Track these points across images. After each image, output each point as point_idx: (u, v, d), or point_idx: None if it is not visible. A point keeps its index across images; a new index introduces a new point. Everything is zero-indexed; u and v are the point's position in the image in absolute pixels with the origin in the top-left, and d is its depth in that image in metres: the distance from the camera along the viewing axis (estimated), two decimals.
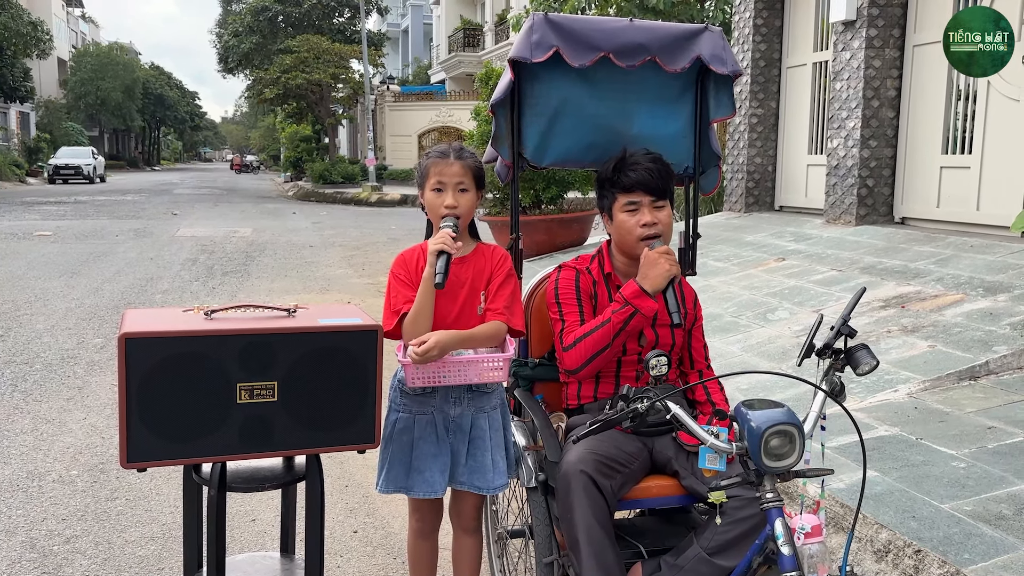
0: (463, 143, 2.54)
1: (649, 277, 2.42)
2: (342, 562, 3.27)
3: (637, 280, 2.45)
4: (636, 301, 2.43)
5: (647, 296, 2.42)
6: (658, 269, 2.41)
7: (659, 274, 2.41)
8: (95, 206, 20.96)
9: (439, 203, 2.44)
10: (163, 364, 2.00)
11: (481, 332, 2.41)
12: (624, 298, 2.44)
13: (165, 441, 2.02)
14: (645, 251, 2.46)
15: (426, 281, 2.35)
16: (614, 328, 2.45)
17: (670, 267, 2.42)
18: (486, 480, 2.49)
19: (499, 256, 2.54)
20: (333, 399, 2.14)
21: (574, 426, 2.59)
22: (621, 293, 2.46)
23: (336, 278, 10.21)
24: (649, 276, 2.42)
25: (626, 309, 2.43)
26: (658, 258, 2.42)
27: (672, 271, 2.42)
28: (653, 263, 2.42)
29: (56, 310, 8.01)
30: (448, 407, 2.47)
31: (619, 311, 2.45)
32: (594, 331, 2.47)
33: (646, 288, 2.42)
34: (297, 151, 36.64)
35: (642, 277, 2.44)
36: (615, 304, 2.47)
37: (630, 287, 2.45)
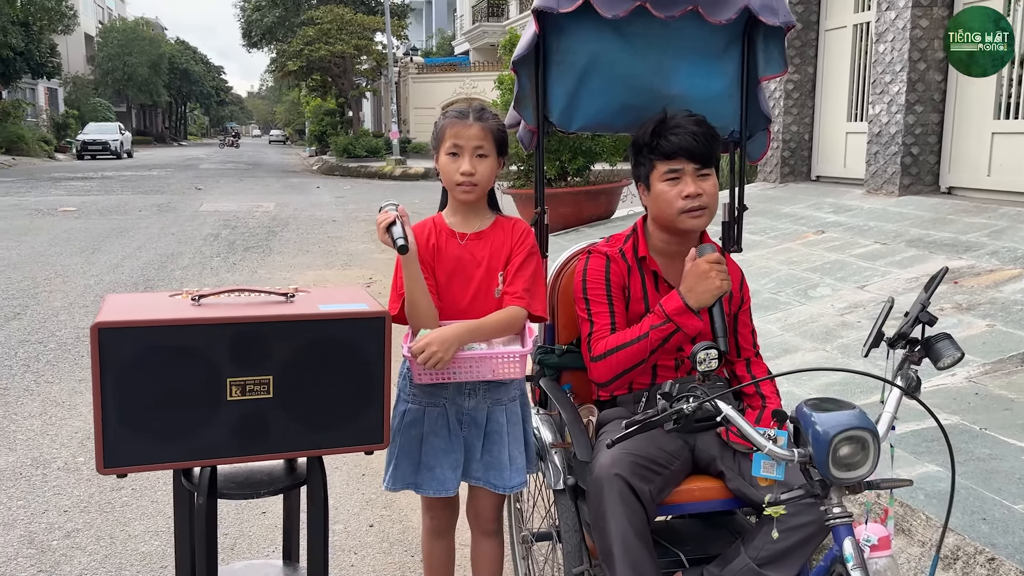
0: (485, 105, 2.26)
1: (695, 292, 2.14)
2: (356, 560, 3.05)
3: (681, 292, 2.16)
4: (679, 318, 2.15)
5: (691, 313, 2.14)
6: (707, 284, 2.12)
7: (707, 290, 2.12)
8: (120, 181, 20.93)
9: (454, 169, 2.17)
10: (142, 357, 1.77)
11: (495, 321, 2.15)
12: (665, 313, 2.16)
13: (147, 443, 1.80)
14: (694, 258, 2.17)
15: (406, 266, 2.10)
16: (651, 345, 2.19)
17: (721, 283, 2.13)
18: (503, 478, 2.24)
19: (520, 231, 2.27)
20: (336, 394, 1.90)
21: (606, 421, 2.34)
22: (662, 307, 2.18)
23: (358, 253, 10.00)
24: (696, 291, 2.13)
25: (667, 326, 2.16)
26: (708, 270, 2.13)
27: (723, 288, 2.13)
28: (702, 276, 2.13)
29: (75, 287, 7.88)
30: (461, 399, 2.23)
31: (659, 327, 2.17)
32: (628, 345, 2.21)
33: (691, 304, 2.14)
34: (321, 125, 36.41)
35: (687, 290, 2.15)
36: (654, 318, 2.20)
37: (673, 301, 2.16)
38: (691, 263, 2.17)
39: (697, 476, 2.25)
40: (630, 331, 2.23)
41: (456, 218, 2.27)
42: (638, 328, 2.21)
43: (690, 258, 2.18)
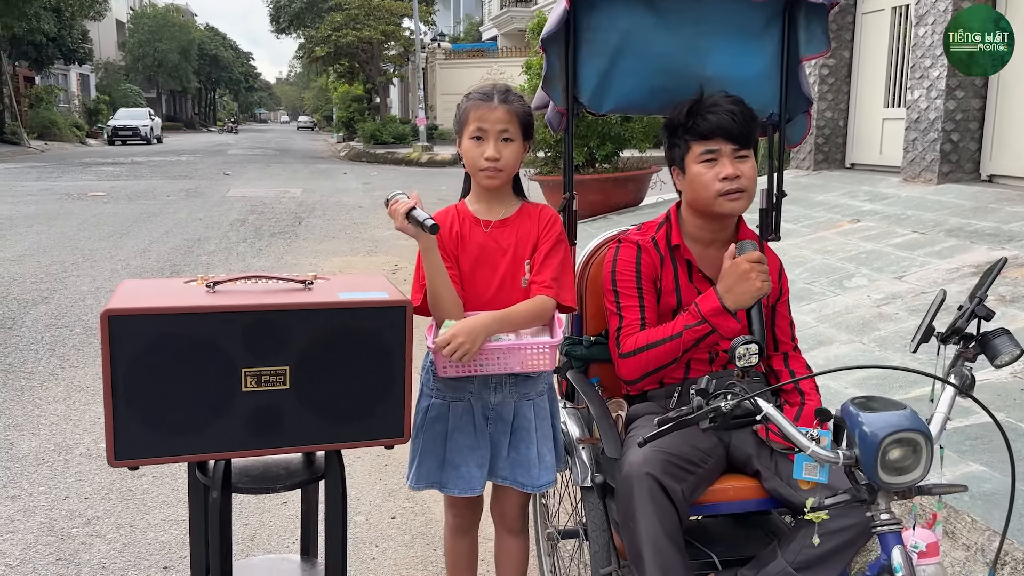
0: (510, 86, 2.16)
1: (734, 292, 2.03)
2: (377, 552, 2.99)
3: (719, 292, 2.06)
4: (715, 319, 2.05)
5: (729, 314, 2.03)
6: (747, 286, 2.01)
7: (747, 291, 2.02)
8: (150, 167, 21.08)
9: (478, 154, 2.08)
10: (154, 346, 1.70)
11: (523, 311, 2.06)
12: (701, 313, 2.06)
13: (159, 435, 1.73)
14: (733, 256, 2.06)
15: (426, 256, 2.01)
16: (684, 345, 2.09)
17: (761, 284, 2.02)
18: (530, 476, 2.16)
19: (547, 218, 2.18)
20: (355, 387, 1.83)
21: (636, 416, 2.24)
22: (698, 307, 2.08)
23: (384, 240, 9.95)
24: (734, 291, 2.03)
25: (702, 327, 2.06)
26: (749, 271, 2.02)
27: (763, 289, 2.02)
28: (742, 277, 2.02)
29: (102, 271, 7.90)
30: (487, 393, 2.14)
31: (693, 328, 2.07)
32: (659, 344, 2.11)
33: (728, 305, 2.03)
34: (349, 111, 36.44)
35: (725, 290, 2.05)
36: (688, 317, 2.10)
37: (709, 301, 2.06)
38: (730, 261, 2.06)
39: (731, 475, 2.15)
40: (662, 329, 2.13)
41: (480, 205, 2.18)
42: (671, 327, 2.12)
43: (729, 255, 2.07)
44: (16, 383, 4.71)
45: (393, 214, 1.98)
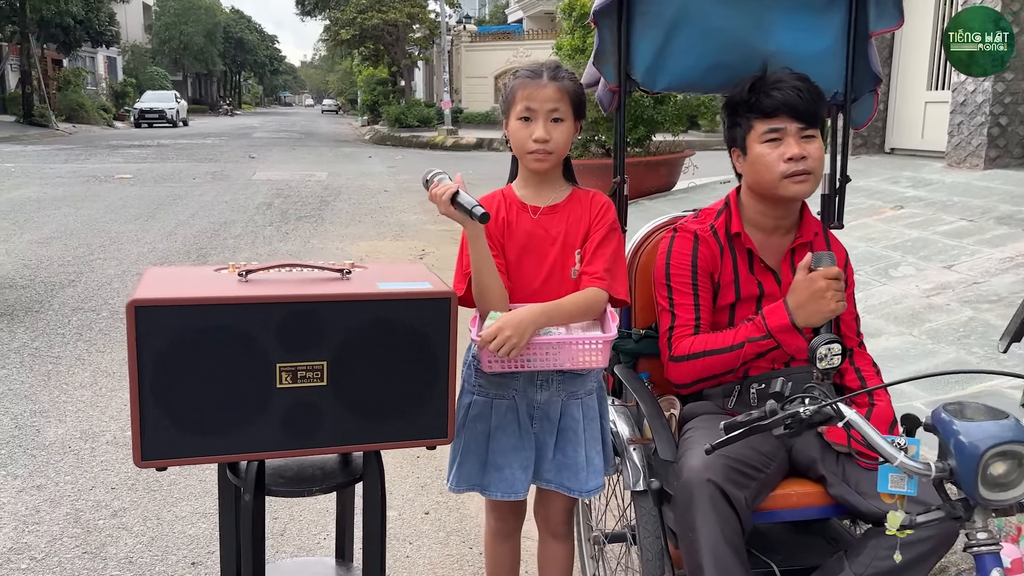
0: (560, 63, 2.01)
1: (805, 309, 1.90)
2: (411, 550, 2.88)
3: (789, 306, 1.93)
4: (781, 336, 1.93)
5: (797, 332, 1.90)
6: (820, 305, 1.88)
7: (819, 311, 1.88)
8: (176, 149, 21.11)
9: (526, 135, 1.94)
10: (183, 340, 1.59)
11: (573, 303, 1.92)
12: (767, 327, 1.94)
13: (189, 434, 1.62)
14: (808, 266, 1.92)
15: (472, 243, 1.88)
16: (743, 358, 1.97)
17: (836, 305, 1.88)
18: (578, 480, 2.03)
19: (599, 205, 2.03)
20: (396, 383, 1.71)
21: (691, 416, 2.10)
22: (765, 320, 1.95)
23: (410, 224, 9.85)
24: (806, 308, 1.90)
25: (766, 342, 1.94)
26: (824, 289, 1.88)
27: (837, 310, 1.89)
28: (816, 295, 1.89)
29: (128, 254, 7.86)
30: (533, 391, 2.01)
31: (756, 341, 1.95)
32: (717, 353, 1.99)
33: (797, 322, 1.90)
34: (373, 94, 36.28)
35: (796, 305, 1.91)
36: (753, 329, 1.97)
37: (778, 316, 1.93)
38: (804, 275, 1.93)
39: (793, 479, 2.01)
40: (721, 336, 2.01)
41: (528, 190, 2.04)
42: (731, 335, 1.99)
43: (804, 265, 1.94)
44: (43, 368, 4.66)
45: (436, 199, 1.85)
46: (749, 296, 2.09)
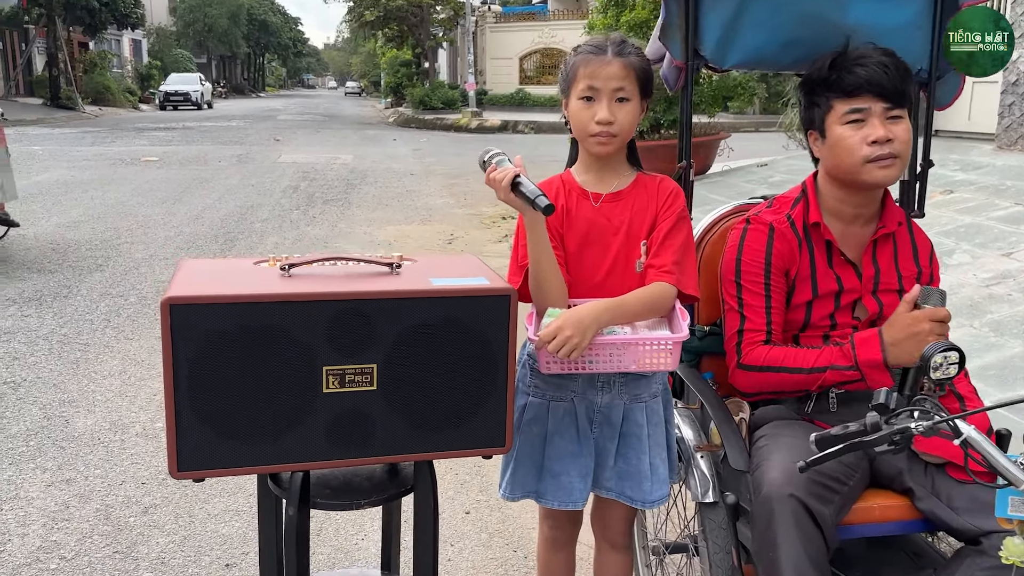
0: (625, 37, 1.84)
1: (901, 348, 1.76)
2: (453, 552, 2.76)
3: (884, 341, 1.78)
4: (869, 371, 1.79)
5: (886, 370, 1.74)
6: (919, 348, 1.70)
7: (916, 354, 1.70)
8: (201, 132, 21.09)
9: (588, 116, 1.78)
10: (223, 340, 1.45)
11: (639, 299, 1.76)
12: (855, 359, 1.79)
13: (228, 442, 1.49)
14: (913, 300, 1.78)
15: (531, 232, 1.72)
16: (823, 383, 1.84)
17: None
18: (641, 490, 1.88)
19: (667, 191, 1.87)
20: (451, 387, 1.57)
21: (763, 421, 1.95)
22: (855, 351, 1.80)
23: (437, 208, 9.71)
24: (902, 347, 1.75)
25: (851, 373, 1.80)
26: (928, 332, 1.74)
27: None
28: (918, 337, 1.74)
29: (156, 238, 7.79)
30: (593, 393, 1.86)
31: (841, 370, 1.81)
32: (794, 372, 1.86)
33: (890, 360, 1.76)
34: (397, 76, 36.08)
35: (892, 342, 1.77)
36: (839, 356, 1.82)
37: (871, 350, 1.78)
38: (908, 310, 1.79)
39: (876, 491, 1.85)
40: (801, 355, 1.86)
41: (589, 175, 1.88)
42: (814, 356, 1.85)
43: (910, 299, 1.80)
44: (71, 355, 4.58)
45: (494, 183, 1.70)
46: (827, 292, 1.93)
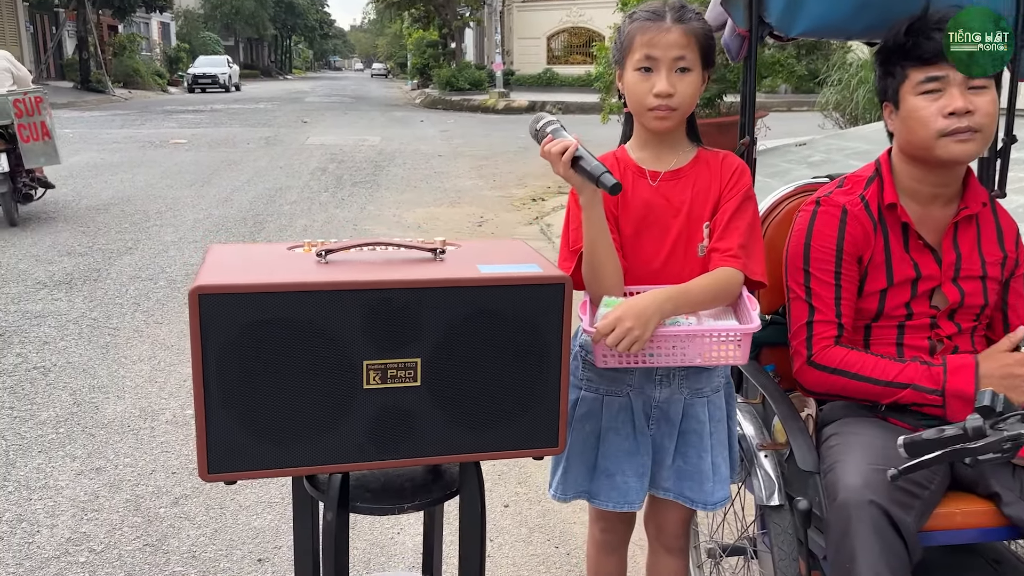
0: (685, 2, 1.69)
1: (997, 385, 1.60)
2: (492, 548, 2.65)
3: (980, 371, 1.64)
4: (954, 402, 1.64)
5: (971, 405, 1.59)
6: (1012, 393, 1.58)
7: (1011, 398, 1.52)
8: (229, 114, 21.10)
9: (646, 89, 1.63)
10: (256, 333, 1.34)
11: (703, 287, 1.62)
12: (943, 386, 1.65)
13: (262, 443, 1.39)
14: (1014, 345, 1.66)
15: (588, 213, 1.59)
16: (900, 399, 1.69)
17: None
18: (702, 491, 1.75)
19: (732, 168, 1.73)
20: (499, 384, 1.45)
21: (832, 418, 1.80)
22: (945, 374, 1.65)
23: (467, 189, 9.59)
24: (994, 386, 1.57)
25: (933, 398, 1.65)
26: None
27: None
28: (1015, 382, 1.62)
29: (185, 221, 7.75)
30: (651, 387, 1.73)
31: (923, 392, 1.67)
32: (869, 381, 1.72)
33: None
34: (423, 57, 35.89)
35: (986, 374, 1.63)
36: (925, 376, 1.67)
37: (963, 378, 1.64)
38: (1008, 347, 1.67)
39: (957, 494, 1.71)
40: (881, 365, 1.71)
41: (646, 152, 1.74)
42: (895, 370, 1.70)
43: (1014, 339, 1.67)
44: (101, 339, 4.52)
45: (550, 156, 1.56)
46: (903, 280, 1.78)
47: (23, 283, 5.59)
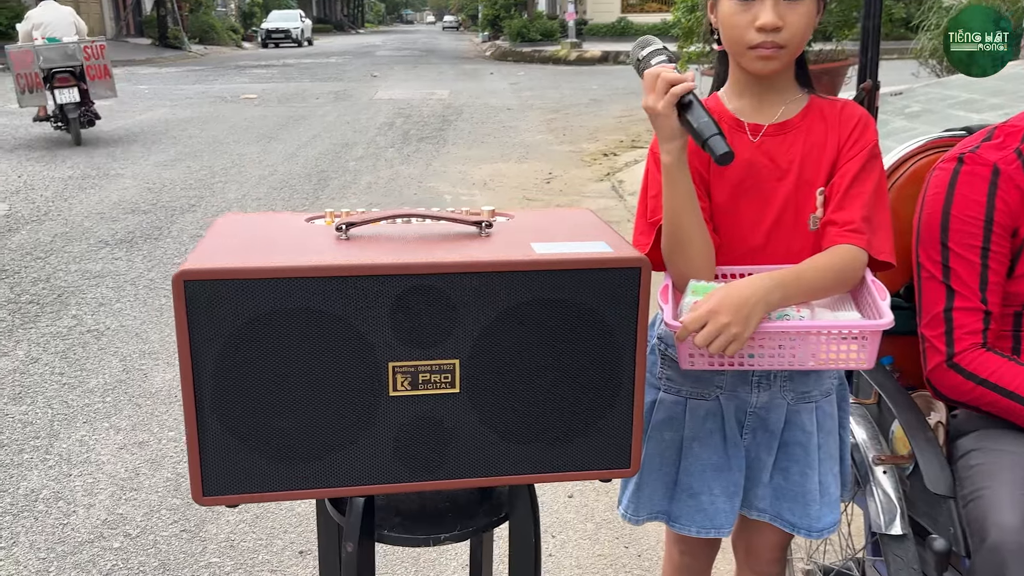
0: None
1: None
2: (554, 545, 2.40)
3: None
4: None
5: None
6: None
7: None
8: (300, 69, 21.06)
9: (746, 21, 1.30)
10: (255, 328, 1.08)
11: (819, 270, 1.29)
12: None
13: (267, 461, 1.14)
14: None
15: (670, 175, 1.27)
16: None
17: None
18: (806, 515, 1.44)
19: (854, 120, 1.38)
20: (558, 391, 1.17)
21: (968, 428, 1.47)
22: None
23: (535, 145, 9.24)
24: None
25: None
26: None
27: None
28: None
29: (249, 177, 7.64)
30: (746, 390, 1.43)
31: None
32: None
33: None
34: (495, 9, 35.17)
35: None
36: None
37: None
38: None
39: None
40: None
41: (745, 101, 1.40)
42: None
43: None
44: (156, 302, 4.40)
45: (656, 87, 1.24)
46: None
47: (86, 241, 5.54)
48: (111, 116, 10.80)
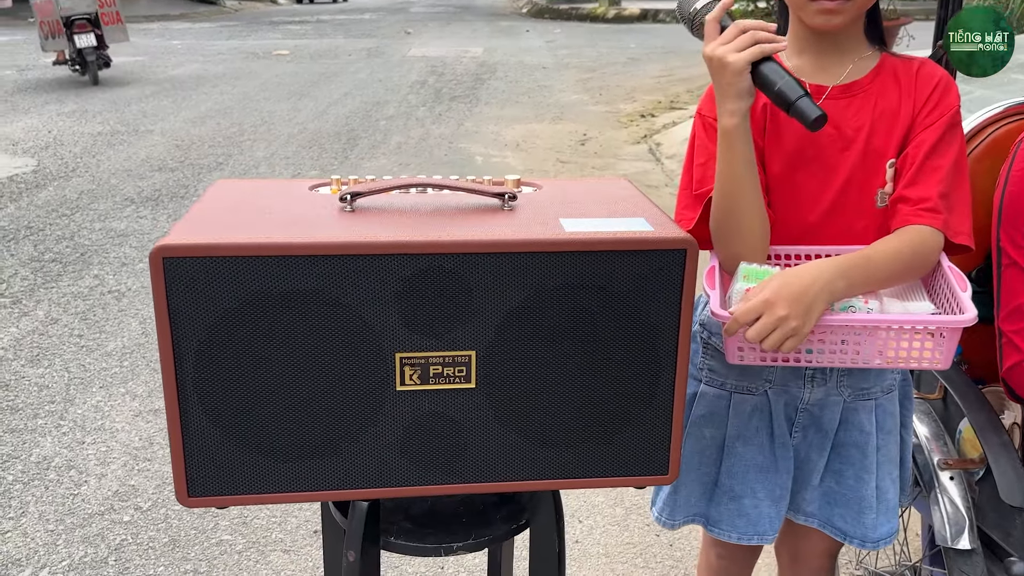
0: None
1: None
2: (581, 531, 2.28)
3: None
4: None
5: None
6: None
7: None
8: (333, 25, 20.83)
9: None
10: (246, 312, 0.96)
11: (889, 254, 1.13)
12: None
13: (258, 459, 1.02)
14: None
15: (728, 140, 1.10)
16: None
17: None
18: (860, 524, 1.30)
19: (933, 82, 1.20)
20: (587, 387, 1.03)
21: None
22: None
23: (570, 105, 9.00)
24: None
25: None
26: None
27: None
28: None
29: (279, 135, 7.51)
30: (797, 385, 1.28)
31: None
32: None
33: None
34: None
35: None
36: None
37: None
38: None
39: None
40: None
41: (806, 59, 1.23)
42: None
43: None
44: None
45: (731, 39, 1.07)
46: None
47: (112, 199, 5.47)
48: (143, 71, 10.75)
